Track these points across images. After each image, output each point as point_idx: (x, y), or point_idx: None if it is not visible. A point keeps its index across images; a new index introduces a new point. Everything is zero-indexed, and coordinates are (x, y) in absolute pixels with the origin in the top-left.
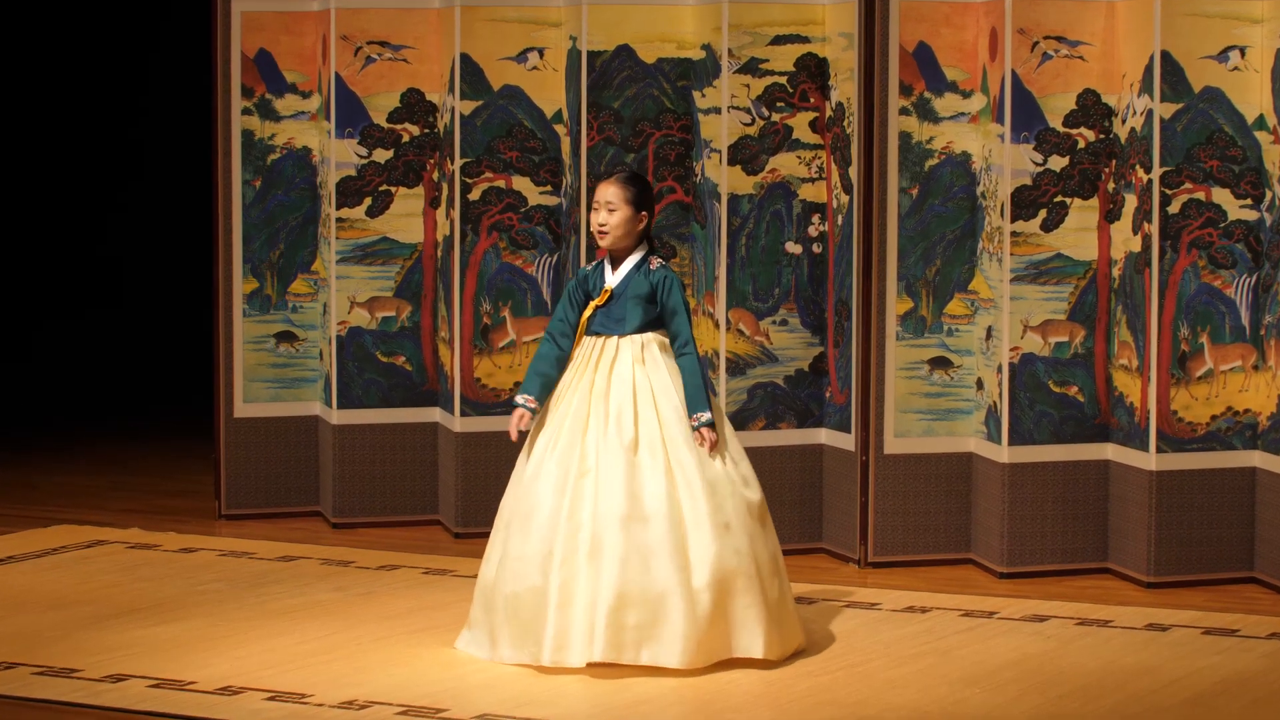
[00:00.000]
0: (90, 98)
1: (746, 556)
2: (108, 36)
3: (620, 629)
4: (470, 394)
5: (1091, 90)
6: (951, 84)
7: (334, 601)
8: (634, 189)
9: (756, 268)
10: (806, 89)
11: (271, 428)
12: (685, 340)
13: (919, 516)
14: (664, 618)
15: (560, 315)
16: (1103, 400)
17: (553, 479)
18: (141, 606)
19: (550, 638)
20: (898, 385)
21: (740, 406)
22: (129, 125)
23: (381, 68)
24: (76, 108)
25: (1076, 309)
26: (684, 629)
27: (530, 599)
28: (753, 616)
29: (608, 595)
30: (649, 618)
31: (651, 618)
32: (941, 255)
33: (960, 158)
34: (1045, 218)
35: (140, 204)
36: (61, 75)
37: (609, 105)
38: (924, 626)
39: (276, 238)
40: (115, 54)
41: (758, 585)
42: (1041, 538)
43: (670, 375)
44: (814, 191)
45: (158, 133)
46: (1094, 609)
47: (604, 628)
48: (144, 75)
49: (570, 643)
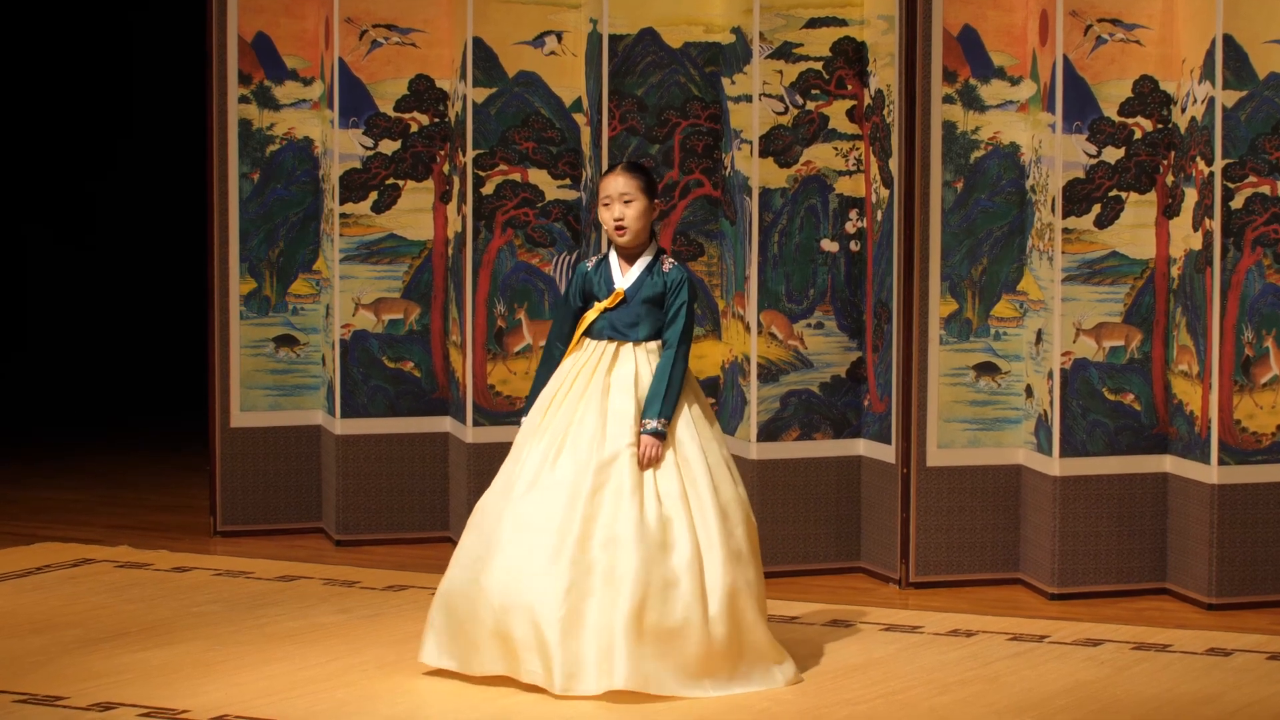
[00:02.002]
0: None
1: (755, 585)
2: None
3: (639, 658)
4: (483, 402)
5: (1149, 77)
6: (999, 70)
7: (338, 625)
8: (644, 176)
9: (790, 267)
10: (843, 75)
11: (270, 438)
12: (672, 342)
13: (964, 533)
14: (681, 647)
15: (562, 319)
16: (1161, 409)
17: (561, 493)
18: (131, 630)
19: (560, 664)
20: (941, 393)
21: (773, 416)
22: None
23: (388, 52)
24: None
25: (1133, 311)
26: (700, 659)
27: (525, 616)
28: (764, 649)
29: (625, 620)
30: (664, 649)
31: (666, 650)
32: (988, 253)
33: (1008, 149)
34: (1099, 213)
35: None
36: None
37: (632, 93)
38: (969, 651)
39: (276, 235)
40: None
41: (764, 616)
42: (1095, 556)
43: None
44: (851, 185)
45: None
46: (1151, 632)
47: (622, 655)
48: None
49: (583, 670)
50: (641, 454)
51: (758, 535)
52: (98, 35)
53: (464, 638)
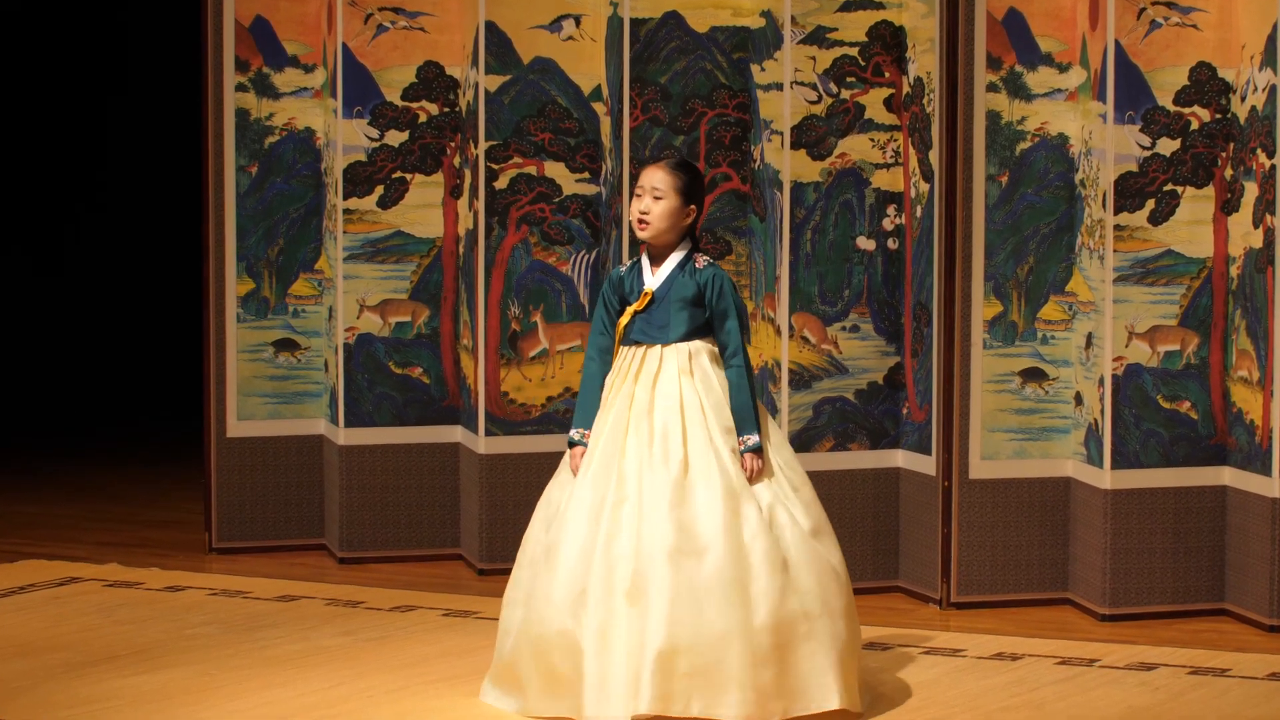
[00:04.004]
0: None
1: (810, 596)
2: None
3: (670, 677)
4: (496, 410)
5: (1206, 63)
6: (1046, 56)
7: (341, 648)
8: (685, 177)
9: (823, 266)
10: (880, 62)
11: (269, 449)
12: (735, 350)
13: (1009, 550)
14: (720, 665)
15: (600, 329)
16: (1219, 418)
17: (585, 507)
18: (121, 653)
19: (590, 688)
20: (985, 400)
21: (805, 425)
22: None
23: (395, 37)
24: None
25: (1189, 313)
26: (742, 677)
27: (562, 644)
28: (821, 664)
29: (655, 640)
30: (702, 664)
31: (705, 664)
32: (1035, 252)
33: (1056, 141)
34: (1153, 209)
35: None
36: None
37: (655, 80)
38: (1015, 676)
39: (275, 232)
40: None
41: (827, 627)
42: (1149, 574)
43: (724, 389)
44: (889, 179)
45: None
46: (1209, 656)
47: (651, 676)
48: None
49: (610, 693)
50: (749, 474)
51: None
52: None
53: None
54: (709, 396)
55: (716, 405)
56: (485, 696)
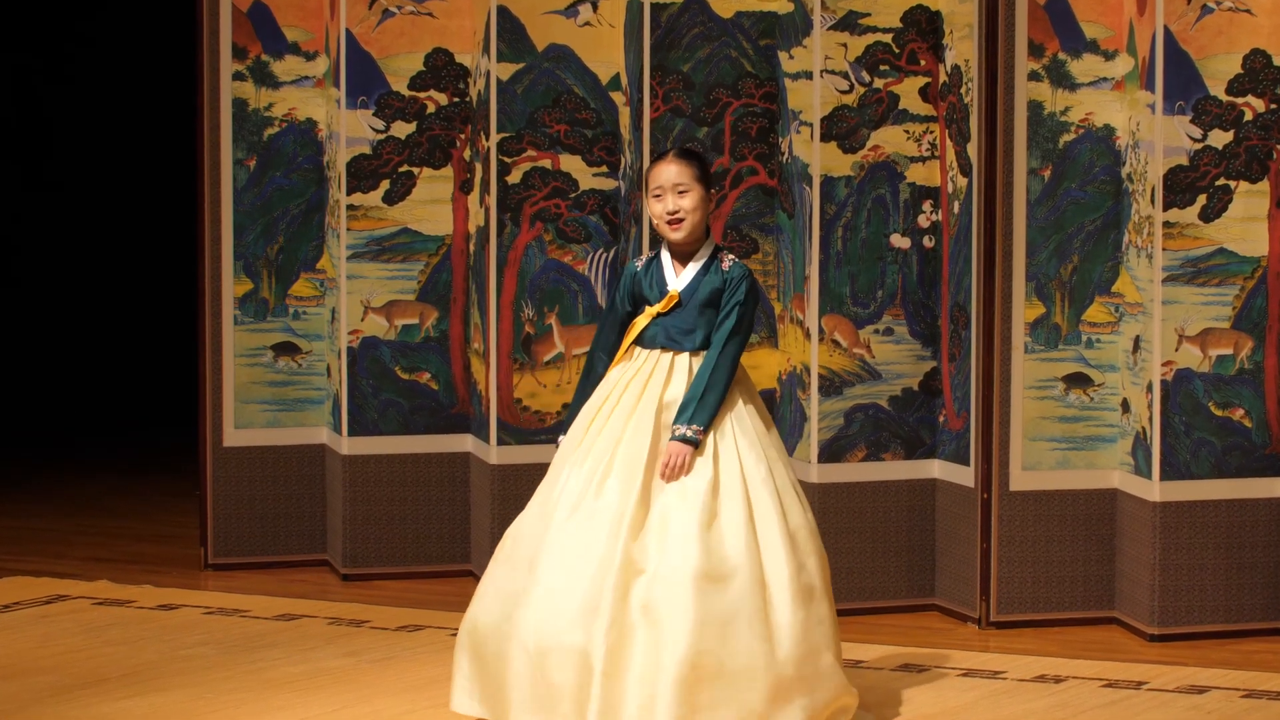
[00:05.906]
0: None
1: (830, 626)
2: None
3: (691, 707)
4: (509, 418)
5: (1261, 51)
6: (1091, 43)
7: (344, 669)
8: (699, 163)
9: (855, 266)
10: (916, 49)
11: (268, 459)
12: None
13: (1051, 566)
14: (740, 696)
15: (608, 326)
16: (1274, 426)
17: (605, 519)
18: (111, 675)
19: (595, 712)
20: (1026, 408)
21: (836, 433)
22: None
23: (402, 23)
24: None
25: (1243, 315)
26: (762, 710)
27: (566, 660)
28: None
29: (675, 666)
30: (724, 695)
31: (726, 695)
32: (1079, 250)
33: (1102, 132)
34: (1205, 205)
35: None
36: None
37: (677, 69)
38: (1058, 700)
39: (274, 229)
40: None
41: (840, 660)
42: (1200, 592)
43: (746, 398)
44: (925, 173)
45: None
46: (1264, 678)
47: (669, 703)
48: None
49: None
50: (666, 463)
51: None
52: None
53: (492, 683)
54: (735, 408)
55: (740, 416)
56: (459, 705)
